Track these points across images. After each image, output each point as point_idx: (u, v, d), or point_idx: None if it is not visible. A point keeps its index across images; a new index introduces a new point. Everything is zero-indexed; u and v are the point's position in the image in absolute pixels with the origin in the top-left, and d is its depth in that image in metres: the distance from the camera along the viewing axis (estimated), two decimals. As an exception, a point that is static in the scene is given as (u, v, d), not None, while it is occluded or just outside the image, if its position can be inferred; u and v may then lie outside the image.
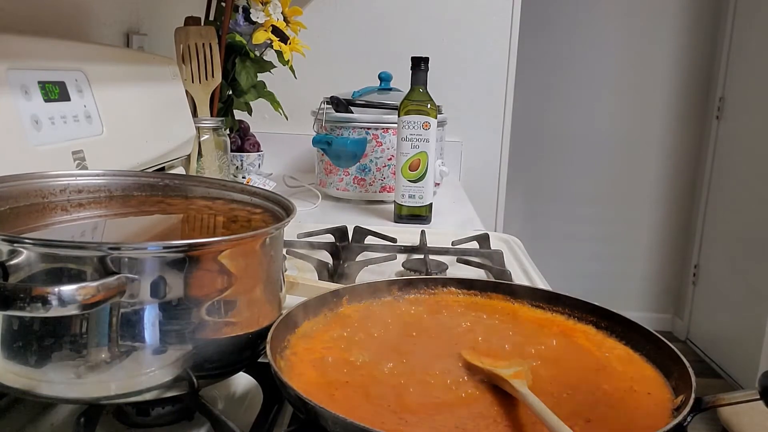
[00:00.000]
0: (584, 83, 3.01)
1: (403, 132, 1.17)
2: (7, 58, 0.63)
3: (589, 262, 3.17)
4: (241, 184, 0.63)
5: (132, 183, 0.63)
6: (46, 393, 0.42)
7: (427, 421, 0.42)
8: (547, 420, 0.39)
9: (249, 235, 0.48)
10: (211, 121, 1.15)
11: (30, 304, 0.36)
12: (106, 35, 1.06)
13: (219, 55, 1.13)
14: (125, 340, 0.41)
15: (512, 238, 1.11)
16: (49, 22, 0.88)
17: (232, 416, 0.47)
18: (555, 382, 0.48)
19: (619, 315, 0.56)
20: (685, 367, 0.46)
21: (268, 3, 1.24)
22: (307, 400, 0.39)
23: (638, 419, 0.44)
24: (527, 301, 0.62)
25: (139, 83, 0.91)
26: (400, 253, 0.95)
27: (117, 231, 0.58)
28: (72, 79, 0.73)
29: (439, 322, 0.58)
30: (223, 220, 0.59)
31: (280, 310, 0.53)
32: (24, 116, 0.63)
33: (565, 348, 0.54)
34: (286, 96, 1.41)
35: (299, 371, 0.48)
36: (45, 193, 0.57)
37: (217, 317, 0.45)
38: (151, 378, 0.43)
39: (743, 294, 2.64)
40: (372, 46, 1.78)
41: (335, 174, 1.37)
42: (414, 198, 1.20)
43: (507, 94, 1.83)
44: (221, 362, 0.46)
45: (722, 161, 2.88)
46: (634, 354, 0.53)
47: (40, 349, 0.40)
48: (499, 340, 0.55)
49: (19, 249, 0.39)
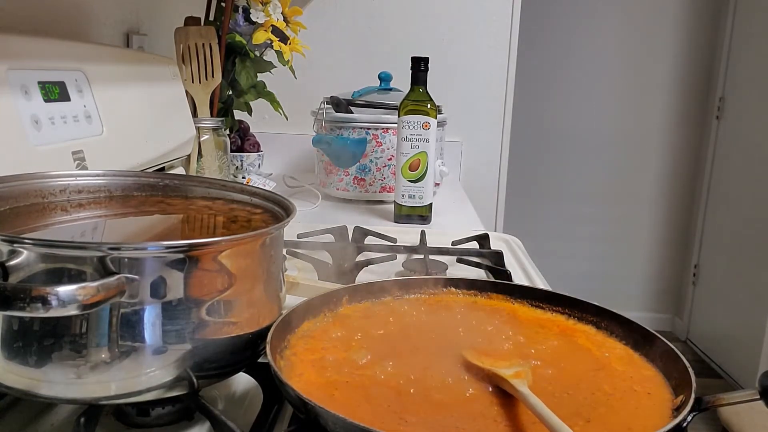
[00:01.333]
0: (584, 83, 3.01)
1: (403, 132, 1.17)
2: (7, 58, 0.63)
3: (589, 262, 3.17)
4: (241, 184, 0.63)
5: (132, 183, 0.63)
6: (46, 393, 0.42)
7: (427, 421, 0.42)
8: (547, 420, 0.39)
9: (249, 235, 0.48)
10: (211, 121, 1.15)
11: (30, 304, 0.36)
12: (106, 35, 1.06)
13: (219, 55, 1.13)
14: (125, 340, 0.41)
15: (512, 238, 1.11)
16: (49, 22, 0.88)
17: (232, 416, 0.47)
18: (555, 382, 0.48)
19: (619, 315, 0.56)
20: (685, 367, 0.46)
21: (268, 3, 1.24)
22: (307, 400, 0.39)
23: (638, 419, 0.44)
24: (527, 301, 0.62)
25: (139, 83, 0.91)
26: (400, 253, 0.95)
27: (117, 231, 0.58)
28: (72, 79, 0.73)
29: (439, 322, 0.58)
30: (223, 220, 0.59)
31: (280, 310, 0.53)
32: (24, 116, 0.63)
33: (565, 348, 0.54)
34: (286, 96, 1.41)
35: (299, 371, 0.48)
36: (45, 193, 0.57)
37: (217, 317, 0.45)
38: (151, 378, 0.42)
39: (743, 294, 2.64)
40: (372, 46, 1.78)
41: (335, 174, 1.37)
42: (414, 198, 1.20)
43: (507, 93, 1.83)
44: (221, 362, 0.46)
45: (722, 161, 2.88)
46: (634, 354, 0.53)
47: (40, 349, 0.40)
48: (499, 340, 0.55)
49: (19, 249, 0.39)
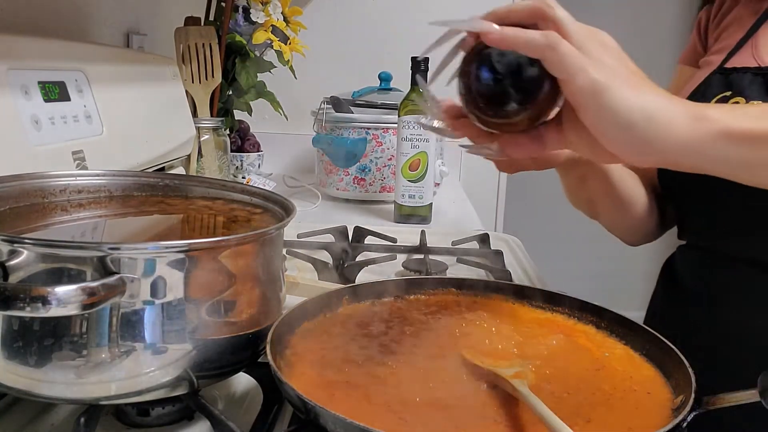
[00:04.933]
0: (584, 83, 3.00)
1: (403, 132, 1.17)
2: (7, 58, 0.63)
3: (589, 262, 3.17)
4: (241, 184, 0.63)
5: (132, 183, 0.63)
6: (46, 393, 0.42)
7: (427, 421, 0.42)
8: (548, 420, 0.39)
9: (249, 235, 0.48)
10: (211, 121, 1.15)
11: (30, 304, 0.36)
12: (106, 35, 1.06)
13: (219, 55, 1.13)
14: (125, 340, 0.41)
15: (512, 238, 1.11)
16: (49, 22, 0.88)
17: (232, 416, 0.47)
18: (555, 382, 0.48)
19: (619, 315, 0.56)
20: (685, 367, 0.46)
21: (268, 3, 1.24)
22: (307, 400, 0.39)
23: (638, 419, 0.44)
24: (527, 301, 0.62)
25: (139, 83, 0.91)
26: (400, 253, 0.95)
27: (117, 231, 0.58)
28: (72, 79, 0.73)
29: (439, 322, 0.58)
30: (223, 220, 0.59)
31: (280, 310, 0.53)
32: (24, 116, 0.63)
33: (565, 348, 0.54)
34: (286, 96, 1.41)
35: (299, 371, 0.48)
36: (45, 193, 0.57)
37: (217, 317, 0.45)
38: (151, 378, 0.43)
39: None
40: (372, 46, 1.78)
41: (335, 174, 1.37)
42: (414, 198, 1.20)
43: (507, 93, 1.82)
44: (221, 362, 0.46)
45: (722, 161, 2.87)
46: (634, 354, 0.53)
47: (40, 349, 0.40)
48: (499, 340, 0.55)
49: (19, 249, 0.39)
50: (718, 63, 0.70)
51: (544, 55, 0.40)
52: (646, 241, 0.82)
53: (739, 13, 0.73)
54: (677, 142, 0.42)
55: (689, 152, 0.43)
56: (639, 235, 0.80)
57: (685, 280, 0.75)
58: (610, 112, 0.41)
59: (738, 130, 0.43)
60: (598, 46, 0.43)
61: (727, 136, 0.43)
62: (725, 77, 0.68)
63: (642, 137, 0.42)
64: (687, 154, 0.43)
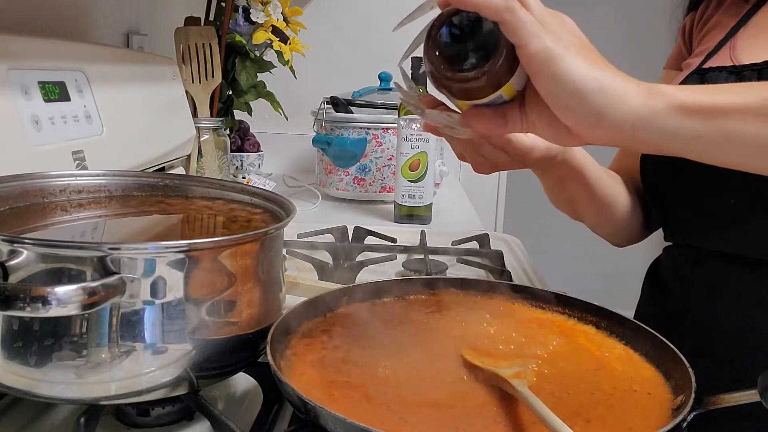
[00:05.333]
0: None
1: (403, 132, 1.17)
2: (7, 58, 0.63)
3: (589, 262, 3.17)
4: (241, 184, 0.63)
5: (132, 183, 0.63)
6: (46, 393, 0.42)
7: (427, 421, 0.42)
8: (548, 420, 0.39)
9: (249, 235, 0.48)
10: (211, 121, 1.15)
11: (30, 304, 0.36)
12: (106, 35, 1.06)
13: (219, 55, 1.13)
14: (125, 340, 0.41)
15: (512, 238, 1.11)
16: (49, 22, 0.88)
17: (232, 416, 0.47)
18: (555, 382, 0.48)
19: (619, 315, 0.56)
20: (685, 367, 0.46)
21: (268, 3, 1.24)
22: (307, 400, 0.39)
23: (638, 419, 0.44)
24: (527, 301, 0.62)
25: (139, 83, 0.91)
26: (400, 253, 0.95)
27: (117, 231, 0.58)
28: (72, 79, 0.73)
29: (439, 322, 0.58)
30: (223, 220, 0.59)
31: (280, 310, 0.53)
32: (24, 116, 0.63)
33: (565, 348, 0.54)
34: (286, 96, 1.41)
35: (299, 371, 0.48)
36: (45, 193, 0.57)
37: (217, 317, 0.45)
38: (151, 378, 0.43)
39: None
40: (372, 46, 1.78)
41: (335, 174, 1.37)
42: (414, 198, 1.20)
43: (507, 93, 1.82)
44: (221, 362, 0.46)
45: (722, 161, 2.88)
46: (634, 354, 0.53)
47: (40, 349, 0.40)
48: (499, 340, 0.55)
49: (19, 249, 0.39)
50: (697, 65, 0.70)
51: (502, 17, 0.41)
52: (631, 241, 0.82)
53: (721, 17, 0.73)
54: (630, 114, 0.42)
55: (642, 125, 0.43)
56: (623, 236, 0.80)
57: (669, 281, 0.75)
58: (564, 79, 0.41)
59: (690, 102, 0.43)
60: (557, 23, 0.43)
61: (679, 108, 0.43)
62: (701, 77, 0.68)
63: (594, 108, 0.42)
64: (640, 127, 0.43)
